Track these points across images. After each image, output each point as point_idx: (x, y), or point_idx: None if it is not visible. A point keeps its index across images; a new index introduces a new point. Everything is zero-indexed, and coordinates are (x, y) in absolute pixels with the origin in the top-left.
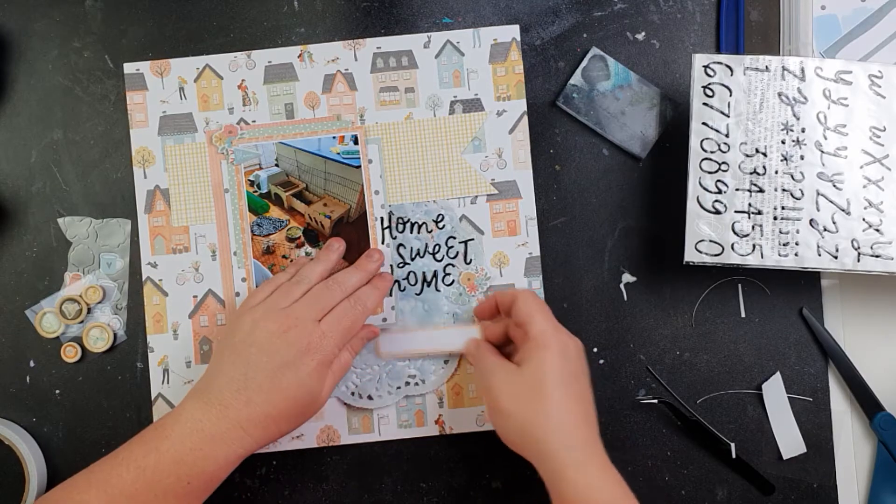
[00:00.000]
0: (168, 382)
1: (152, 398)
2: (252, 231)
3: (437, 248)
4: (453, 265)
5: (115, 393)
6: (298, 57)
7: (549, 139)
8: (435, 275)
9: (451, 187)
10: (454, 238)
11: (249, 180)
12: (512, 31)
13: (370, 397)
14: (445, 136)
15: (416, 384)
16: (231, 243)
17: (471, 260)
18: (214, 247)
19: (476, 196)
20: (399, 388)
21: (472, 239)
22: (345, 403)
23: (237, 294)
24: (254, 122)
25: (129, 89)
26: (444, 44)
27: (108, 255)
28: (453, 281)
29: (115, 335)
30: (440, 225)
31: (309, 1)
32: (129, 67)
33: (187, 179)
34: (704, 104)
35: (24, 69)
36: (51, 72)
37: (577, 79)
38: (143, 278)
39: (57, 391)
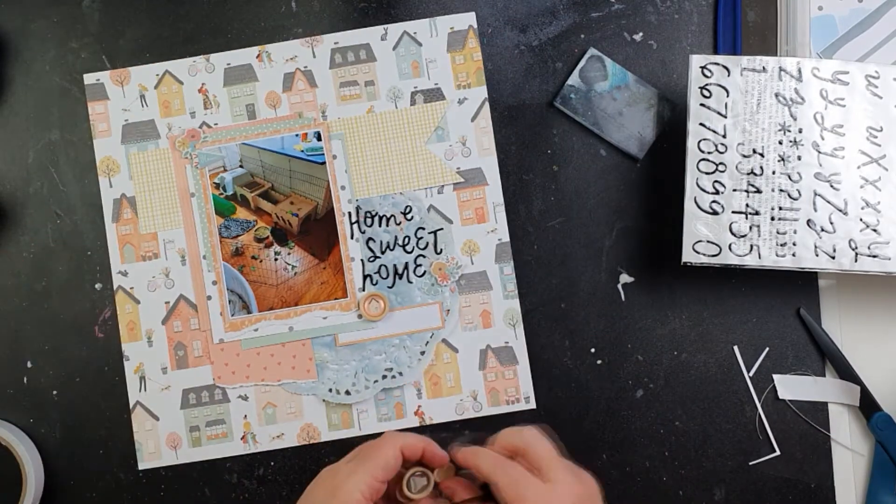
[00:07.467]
0: (145, 389)
1: (130, 406)
2: (220, 234)
3: (406, 239)
4: (424, 256)
5: (112, 394)
6: (257, 57)
7: (546, 140)
8: (406, 267)
9: (418, 178)
10: (423, 229)
11: (215, 183)
12: (468, 19)
13: (348, 392)
14: (408, 127)
15: (394, 377)
16: (200, 247)
17: (441, 249)
18: (184, 252)
19: (443, 185)
20: (376, 381)
21: (442, 228)
22: (323, 400)
23: (209, 298)
24: (216, 124)
25: (91, 100)
26: (402, 35)
27: None
28: (425, 272)
29: None
30: (408, 216)
31: (306, 1)
32: (88, 78)
33: (153, 186)
34: (702, 105)
35: (21, 70)
36: (48, 72)
37: (574, 79)
38: (115, 287)
39: (54, 392)
